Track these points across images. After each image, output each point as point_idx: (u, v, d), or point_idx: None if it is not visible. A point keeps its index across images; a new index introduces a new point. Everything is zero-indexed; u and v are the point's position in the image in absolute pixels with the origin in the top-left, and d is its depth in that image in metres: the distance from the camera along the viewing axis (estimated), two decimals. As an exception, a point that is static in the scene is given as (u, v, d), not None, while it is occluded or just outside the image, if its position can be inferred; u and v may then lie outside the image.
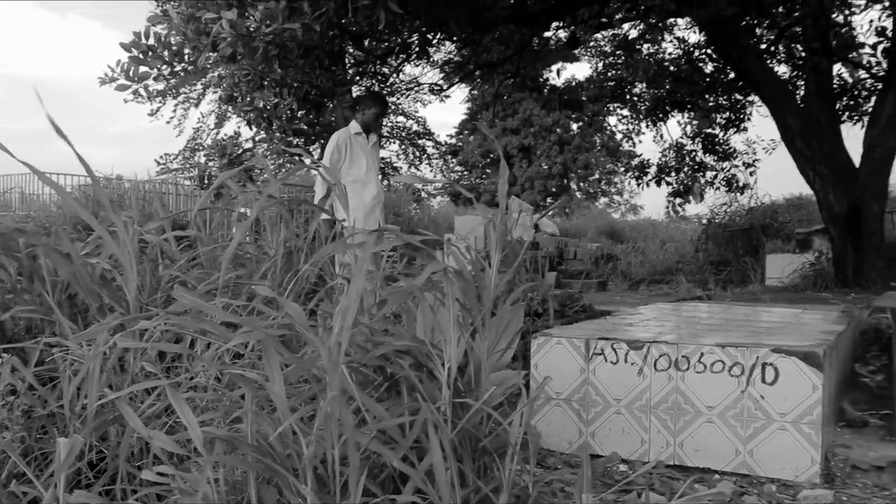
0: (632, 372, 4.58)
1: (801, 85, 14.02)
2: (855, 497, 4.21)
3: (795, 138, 11.78)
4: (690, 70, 15.44)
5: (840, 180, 11.65)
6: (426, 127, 39.98)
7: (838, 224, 11.61)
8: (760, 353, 4.31)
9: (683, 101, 16.08)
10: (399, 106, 34.54)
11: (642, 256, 17.26)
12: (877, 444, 4.62)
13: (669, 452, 4.54)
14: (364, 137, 6.68)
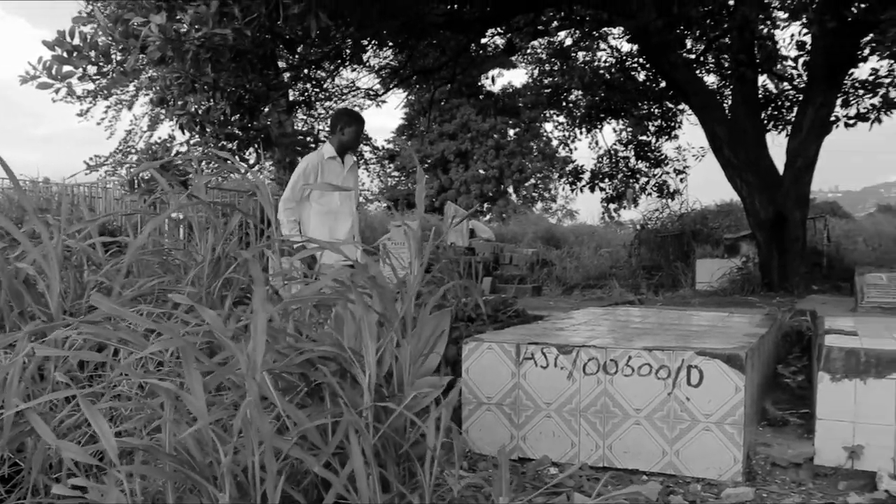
0: (561, 376, 4.65)
1: (728, 95, 14.41)
2: (774, 494, 4.36)
3: (723, 146, 12.11)
4: (623, 78, 15.73)
5: (765, 187, 12.00)
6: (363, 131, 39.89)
7: (764, 230, 11.97)
8: (686, 356, 4.42)
9: (617, 109, 16.38)
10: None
11: (577, 262, 17.50)
12: (795, 442, 4.77)
13: (599, 455, 4.62)
14: (339, 162, 5.80)
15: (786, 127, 13.87)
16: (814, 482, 4.56)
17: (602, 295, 12.51)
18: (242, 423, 1.65)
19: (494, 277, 15.27)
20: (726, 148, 12.10)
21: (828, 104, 11.81)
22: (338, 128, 5.81)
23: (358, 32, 9.14)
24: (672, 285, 13.27)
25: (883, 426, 4.43)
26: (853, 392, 4.48)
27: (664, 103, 16.34)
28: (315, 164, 5.65)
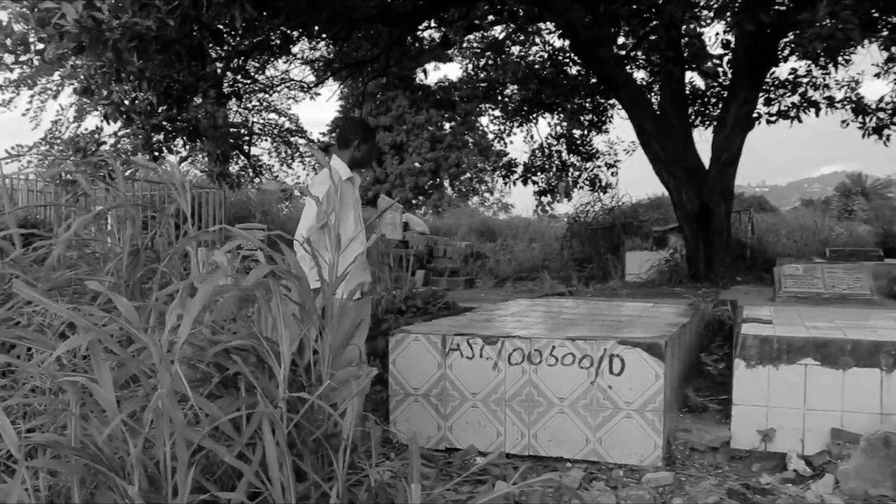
0: (487, 366, 4.73)
1: (657, 90, 14.70)
2: (692, 477, 4.51)
3: (651, 141, 12.36)
4: (555, 73, 15.91)
5: (692, 181, 12.30)
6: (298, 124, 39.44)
7: (691, 223, 12.27)
8: (608, 346, 4.54)
9: (549, 103, 16.55)
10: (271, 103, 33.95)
11: (511, 254, 17.64)
12: (713, 427, 4.95)
13: (524, 444, 4.72)
14: (352, 181, 4.87)
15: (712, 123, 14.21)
16: (730, 465, 4.73)
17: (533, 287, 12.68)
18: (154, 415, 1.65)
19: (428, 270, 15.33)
20: (654, 142, 12.36)
21: (750, 101, 12.15)
22: (353, 143, 4.82)
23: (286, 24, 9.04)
24: (602, 277, 13.51)
25: (793, 410, 4.62)
26: (767, 378, 4.67)
27: (596, 98, 16.57)
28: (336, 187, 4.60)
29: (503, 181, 17.26)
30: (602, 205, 17.94)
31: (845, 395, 4.54)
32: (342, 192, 4.52)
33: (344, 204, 4.56)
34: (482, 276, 15.67)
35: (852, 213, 30.87)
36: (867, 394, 4.50)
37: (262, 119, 36.03)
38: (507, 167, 17.38)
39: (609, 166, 17.24)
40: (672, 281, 12.11)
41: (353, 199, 4.79)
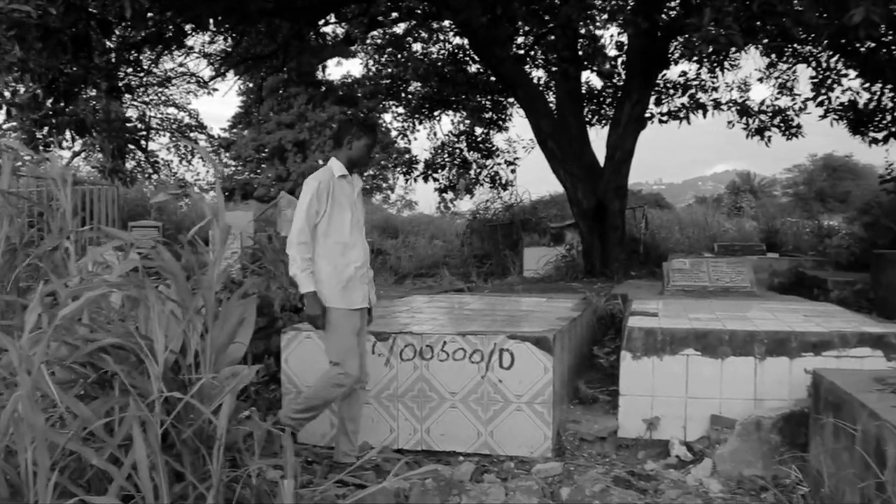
0: (379, 363, 4.74)
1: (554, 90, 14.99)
2: (581, 466, 4.63)
3: (548, 139, 12.61)
4: (455, 71, 16.03)
5: (587, 179, 12.61)
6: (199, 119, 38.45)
7: (586, 219, 12.58)
8: (498, 340, 4.61)
9: (449, 101, 16.67)
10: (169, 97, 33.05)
11: (412, 251, 17.72)
12: (602, 418, 5.09)
13: (417, 439, 4.75)
14: (349, 181, 4.60)
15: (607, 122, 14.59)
16: (617, 453, 4.88)
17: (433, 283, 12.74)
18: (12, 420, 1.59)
19: (329, 268, 15.18)
20: (551, 140, 12.61)
21: (643, 101, 12.55)
22: (344, 140, 4.61)
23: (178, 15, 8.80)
24: (501, 273, 13.71)
25: (676, 398, 4.80)
26: (651, 368, 4.83)
27: (495, 96, 16.79)
28: (327, 184, 4.44)
29: (404, 178, 17.30)
30: (502, 202, 18.18)
31: (723, 382, 4.74)
32: (334, 191, 4.44)
33: (337, 203, 4.43)
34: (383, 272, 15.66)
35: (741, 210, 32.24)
36: (743, 381, 4.72)
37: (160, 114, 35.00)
38: (408, 164, 17.43)
39: (508, 164, 17.49)
40: (568, 276, 12.39)
41: (349, 199, 4.54)
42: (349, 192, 4.57)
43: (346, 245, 4.42)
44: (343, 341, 4.28)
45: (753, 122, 14.19)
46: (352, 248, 4.44)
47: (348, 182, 4.59)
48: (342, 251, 4.40)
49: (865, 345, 4.67)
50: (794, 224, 19.53)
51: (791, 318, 5.41)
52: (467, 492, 4.10)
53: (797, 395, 4.60)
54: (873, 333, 4.70)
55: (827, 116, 12.86)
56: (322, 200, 4.38)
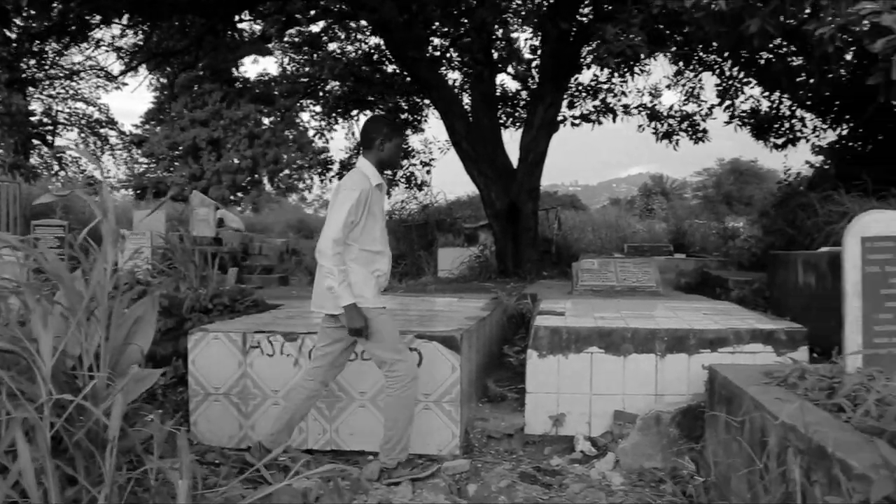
0: (288, 363, 4.72)
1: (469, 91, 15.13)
2: (488, 463, 4.71)
3: (462, 140, 12.72)
4: (372, 71, 16.02)
5: (501, 180, 12.77)
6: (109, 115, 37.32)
7: (500, 220, 12.75)
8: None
9: (365, 100, 16.64)
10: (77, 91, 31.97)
11: (322, 252, 17.54)
12: (510, 415, 5.18)
13: (327, 439, 4.74)
14: (381, 189, 4.38)
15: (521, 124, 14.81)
16: (524, 449, 4.98)
17: (348, 284, 12.66)
18: None
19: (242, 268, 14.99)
20: (465, 142, 12.73)
21: (555, 104, 12.78)
22: (376, 142, 4.32)
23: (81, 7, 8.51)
24: (416, 273, 13.76)
25: (581, 395, 4.93)
26: (557, 366, 4.95)
27: (412, 97, 16.84)
28: (367, 193, 4.18)
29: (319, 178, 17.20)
30: (417, 202, 18.25)
31: (626, 379, 4.90)
32: (371, 201, 4.23)
33: (371, 214, 4.24)
34: (297, 273, 15.53)
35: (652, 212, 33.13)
36: (645, 377, 4.88)
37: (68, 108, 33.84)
38: (324, 164, 17.34)
39: (424, 164, 17.57)
40: (482, 276, 12.52)
41: (380, 208, 4.37)
42: (381, 201, 4.38)
43: (374, 254, 4.27)
44: (392, 337, 4.18)
45: (662, 127, 14.62)
46: (380, 258, 4.31)
47: (381, 190, 4.38)
48: (371, 259, 4.26)
49: (757, 341, 4.89)
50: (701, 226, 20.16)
51: (691, 317, 5.61)
52: (375, 490, 4.13)
53: (695, 389, 4.78)
54: (764, 330, 4.92)
55: (731, 122, 13.35)
56: (360, 211, 4.17)
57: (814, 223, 8.69)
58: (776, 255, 8.06)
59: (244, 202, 38.81)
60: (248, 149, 38.99)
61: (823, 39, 6.01)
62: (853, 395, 3.42)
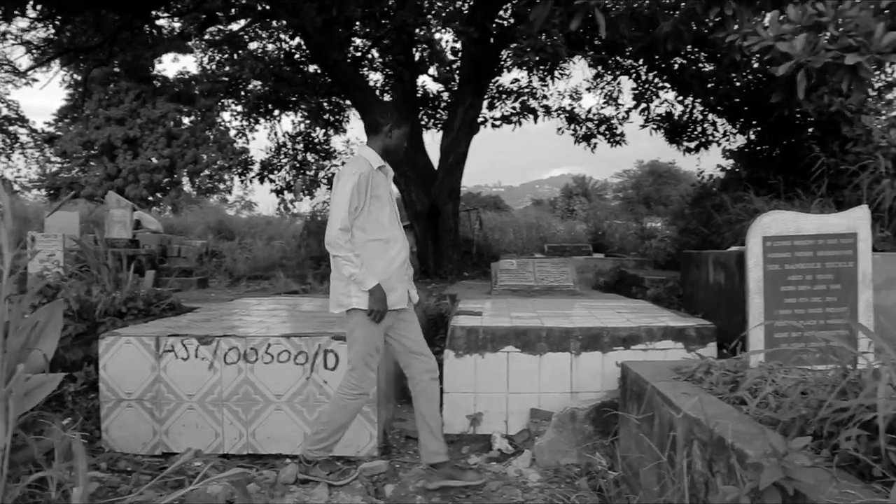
0: (203, 367, 4.64)
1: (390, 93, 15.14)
2: (406, 463, 4.72)
3: (383, 142, 12.66)
4: (293, 71, 15.85)
5: (422, 181, 12.81)
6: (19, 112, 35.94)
7: (421, 221, 12.79)
8: (322, 341, 4.63)
9: (286, 101, 16.46)
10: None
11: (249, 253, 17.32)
12: (428, 416, 5.21)
13: (243, 443, 4.68)
14: (384, 172, 4.26)
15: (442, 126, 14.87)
16: (442, 449, 5.01)
17: (268, 286, 12.54)
18: None
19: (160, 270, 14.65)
20: (386, 143, 12.69)
21: (475, 106, 12.88)
22: (385, 127, 4.19)
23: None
24: (338, 275, 13.60)
25: (497, 394, 4.99)
26: (474, 366, 5.00)
27: (333, 98, 16.73)
28: (367, 175, 4.04)
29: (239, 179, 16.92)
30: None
31: (542, 377, 4.98)
32: (374, 184, 4.09)
33: (376, 197, 4.09)
34: (217, 275, 15.25)
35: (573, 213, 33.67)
36: (560, 375, 4.97)
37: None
38: (244, 165, 17.08)
39: (345, 165, 17.44)
40: (404, 277, 12.49)
41: (386, 192, 4.22)
42: (386, 184, 4.25)
43: (386, 241, 4.13)
44: (366, 346, 4.03)
45: (581, 129, 14.88)
46: (393, 243, 4.17)
47: (384, 173, 4.25)
48: (383, 248, 4.12)
49: (668, 338, 5.03)
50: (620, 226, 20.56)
51: (606, 315, 5.74)
52: (291, 493, 4.10)
53: (609, 386, 4.90)
54: (675, 327, 5.07)
55: (647, 126, 13.68)
56: (362, 195, 4.03)
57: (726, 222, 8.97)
58: (689, 254, 8.30)
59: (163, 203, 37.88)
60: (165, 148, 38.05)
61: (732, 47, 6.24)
62: (755, 388, 3.55)
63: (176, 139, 38.18)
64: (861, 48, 5.22)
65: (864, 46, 5.21)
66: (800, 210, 7.16)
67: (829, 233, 4.23)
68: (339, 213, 3.99)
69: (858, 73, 5.31)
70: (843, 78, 5.40)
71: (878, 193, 7.36)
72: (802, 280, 4.22)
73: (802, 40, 5.27)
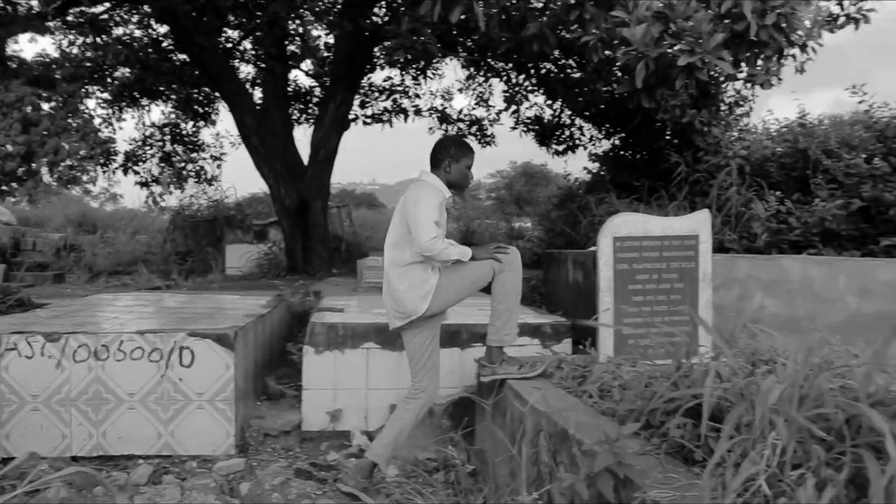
0: (50, 365, 4.44)
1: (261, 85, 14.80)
2: (264, 461, 4.68)
3: (252, 135, 12.44)
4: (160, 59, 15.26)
5: (291, 176, 12.62)
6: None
7: (289, 216, 12.59)
8: (178, 338, 4.52)
9: (152, 90, 15.85)
10: None
11: (111, 247, 16.63)
12: (288, 412, 5.17)
13: (93, 444, 4.51)
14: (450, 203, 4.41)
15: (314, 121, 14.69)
16: (301, 446, 4.99)
17: (129, 281, 12.08)
18: None
19: (12, 265, 13.87)
20: (254, 136, 12.46)
21: (347, 103, 12.80)
22: (443, 163, 4.23)
23: None
24: (203, 270, 13.28)
25: (357, 390, 5.02)
26: (334, 362, 5.00)
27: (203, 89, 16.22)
28: (442, 201, 4.15)
29: (101, 170, 16.15)
30: (208, 198, 17.64)
31: (402, 373, 5.01)
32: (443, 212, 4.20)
33: (441, 224, 4.13)
34: (76, 270, 14.57)
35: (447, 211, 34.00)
36: (420, 371, 5.02)
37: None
38: (106, 155, 16.33)
39: (215, 159, 17.00)
40: (271, 273, 12.35)
41: (444, 221, 4.26)
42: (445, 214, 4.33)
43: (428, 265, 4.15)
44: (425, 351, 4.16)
45: (452, 130, 15.04)
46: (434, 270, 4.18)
47: (450, 203, 4.43)
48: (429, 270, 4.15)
49: (525, 335, 5.19)
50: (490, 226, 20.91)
51: (467, 312, 5.84)
52: (141, 494, 3.99)
53: (467, 382, 5.00)
54: (532, 324, 5.24)
55: (517, 128, 13.96)
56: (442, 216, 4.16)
57: (589, 224, 9.29)
58: (550, 253, 8.57)
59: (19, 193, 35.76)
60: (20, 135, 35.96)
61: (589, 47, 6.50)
62: (601, 381, 3.73)
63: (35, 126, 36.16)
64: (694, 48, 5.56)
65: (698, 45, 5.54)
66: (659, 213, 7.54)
67: (673, 234, 4.48)
68: (426, 225, 3.99)
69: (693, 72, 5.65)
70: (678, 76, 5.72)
71: (726, 200, 7.82)
72: (649, 279, 4.45)
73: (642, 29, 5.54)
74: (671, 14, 5.63)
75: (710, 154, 8.67)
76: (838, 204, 7.04)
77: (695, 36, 5.56)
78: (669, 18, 5.66)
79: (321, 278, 11.02)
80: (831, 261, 5.75)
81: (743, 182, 8.05)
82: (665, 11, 5.66)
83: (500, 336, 4.19)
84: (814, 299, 5.50)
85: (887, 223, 6.92)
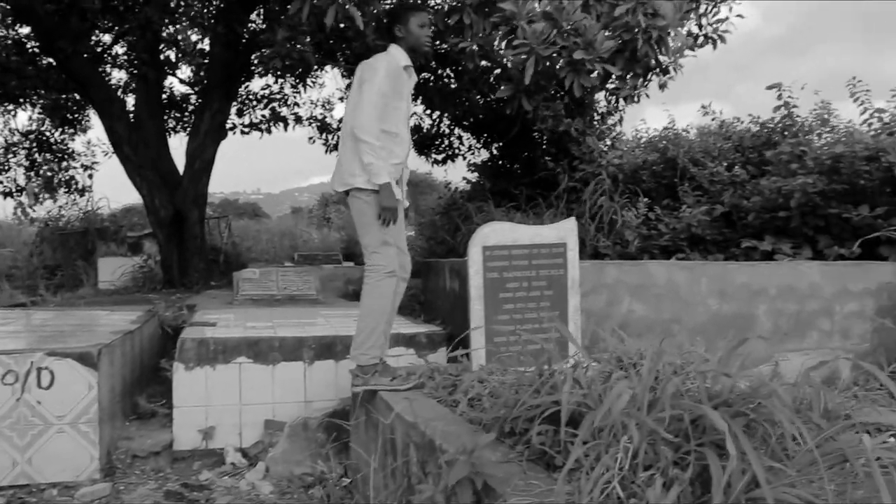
0: None
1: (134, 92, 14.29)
2: (132, 484, 4.51)
3: (123, 144, 11.97)
4: (23, 62, 14.50)
5: (165, 187, 12.21)
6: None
7: (164, 228, 12.18)
8: (35, 358, 4.31)
9: (13, 94, 15.04)
10: None
11: (-30, 262, 15.68)
12: (158, 432, 5.00)
13: (18, 471, 4.25)
14: (409, 73, 4.15)
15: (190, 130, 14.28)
16: (172, 467, 4.84)
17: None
18: None
19: None
20: (126, 145, 11.99)
21: (223, 111, 12.50)
22: (395, 29, 4.08)
23: None
24: (74, 285, 12.69)
25: (231, 406, 4.91)
26: (205, 378, 4.88)
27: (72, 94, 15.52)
28: (396, 70, 4.00)
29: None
30: (78, 209, 16.88)
31: (276, 387, 4.96)
32: (399, 80, 4.03)
33: (398, 94, 4.03)
34: None
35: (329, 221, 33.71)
36: (294, 384, 4.98)
37: None
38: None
39: (86, 168, 16.30)
40: (146, 287, 11.92)
41: (408, 92, 4.18)
42: (409, 84, 4.18)
43: (393, 136, 4.06)
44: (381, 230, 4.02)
45: (332, 139, 14.93)
46: (400, 142, 4.11)
47: (408, 73, 4.15)
48: (393, 141, 4.05)
49: (400, 345, 5.21)
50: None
51: (342, 323, 5.83)
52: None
53: (343, 394, 4.97)
54: (406, 334, 5.26)
55: (397, 137, 13.99)
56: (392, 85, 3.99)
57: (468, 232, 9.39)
58: (428, 262, 8.62)
59: None
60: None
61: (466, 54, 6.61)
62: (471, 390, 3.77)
63: None
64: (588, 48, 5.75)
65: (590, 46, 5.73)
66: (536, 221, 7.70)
67: (542, 243, 4.60)
68: (372, 98, 3.92)
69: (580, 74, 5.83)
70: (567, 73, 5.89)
71: (600, 207, 8.07)
72: (519, 287, 4.55)
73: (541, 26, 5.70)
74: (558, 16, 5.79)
75: (585, 163, 8.93)
76: (703, 210, 7.40)
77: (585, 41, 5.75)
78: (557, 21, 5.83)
79: (198, 291, 10.72)
80: (693, 265, 6.02)
81: (616, 189, 8.34)
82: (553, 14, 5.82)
83: (357, 352, 4.24)
84: (679, 302, 5.75)
85: (746, 227, 7.32)
